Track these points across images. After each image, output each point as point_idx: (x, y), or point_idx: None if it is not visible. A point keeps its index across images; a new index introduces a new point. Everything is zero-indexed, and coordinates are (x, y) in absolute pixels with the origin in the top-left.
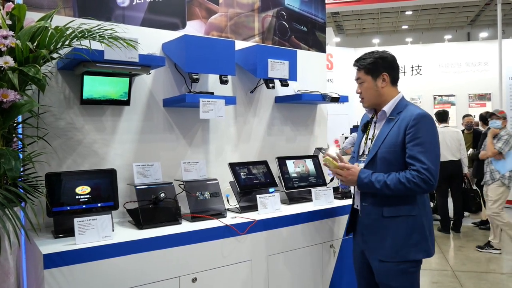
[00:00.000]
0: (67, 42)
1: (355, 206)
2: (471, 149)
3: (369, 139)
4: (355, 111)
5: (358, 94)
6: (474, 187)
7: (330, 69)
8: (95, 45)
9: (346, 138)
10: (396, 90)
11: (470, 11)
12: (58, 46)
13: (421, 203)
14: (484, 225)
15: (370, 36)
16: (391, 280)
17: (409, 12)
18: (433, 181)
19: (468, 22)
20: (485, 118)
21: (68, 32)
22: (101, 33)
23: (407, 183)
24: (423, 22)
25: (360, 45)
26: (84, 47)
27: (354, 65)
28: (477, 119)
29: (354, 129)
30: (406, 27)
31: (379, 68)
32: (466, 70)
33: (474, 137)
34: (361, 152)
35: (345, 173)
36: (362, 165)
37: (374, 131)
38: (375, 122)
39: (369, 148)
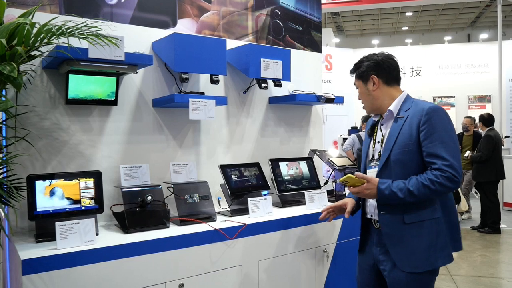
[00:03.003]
0: (45, 40)
1: (368, 216)
2: (468, 151)
3: (378, 142)
4: (355, 112)
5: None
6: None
7: (330, 70)
8: (82, 43)
9: (344, 139)
10: (397, 90)
11: (471, 12)
12: (37, 44)
13: (442, 203)
14: (482, 228)
15: (370, 37)
16: None
17: (409, 13)
18: (458, 177)
19: (469, 24)
20: (485, 119)
21: (45, 29)
22: (81, 31)
23: (431, 185)
24: (424, 23)
25: (360, 46)
26: (65, 44)
27: (350, 72)
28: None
29: (352, 130)
30: (406, 28)
31: (367, 71)
32: (466, 72)
33: (474, 139)
34: (370, 157)
35: (365, 186)
36: (374, 170)
37: (382, 133)
38: (382, 124)
39: (379, 152)
